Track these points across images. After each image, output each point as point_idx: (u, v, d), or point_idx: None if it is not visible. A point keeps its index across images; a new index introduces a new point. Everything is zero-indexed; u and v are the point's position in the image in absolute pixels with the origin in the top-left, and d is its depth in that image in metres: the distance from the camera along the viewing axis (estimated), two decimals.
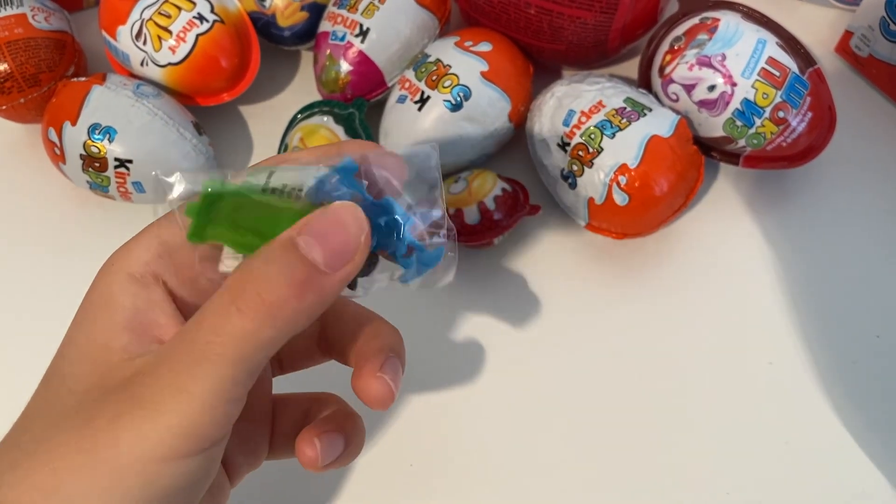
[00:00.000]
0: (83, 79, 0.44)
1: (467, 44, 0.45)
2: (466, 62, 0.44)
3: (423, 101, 0.44)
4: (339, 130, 0.45)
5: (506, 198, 0.43)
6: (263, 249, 0.22)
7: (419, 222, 0.24)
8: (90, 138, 0.42)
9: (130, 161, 0.43)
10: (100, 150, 0.42)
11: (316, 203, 0.23)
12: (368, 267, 0.24)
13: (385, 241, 0.24)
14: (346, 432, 0.29)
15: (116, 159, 0.43)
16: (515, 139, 0.47)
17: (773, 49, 0.42)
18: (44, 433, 0.23)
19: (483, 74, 0.44)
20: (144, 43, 0.45)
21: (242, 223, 0.23)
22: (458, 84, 0.43)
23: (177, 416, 0.22)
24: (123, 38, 0.45)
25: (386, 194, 0.24)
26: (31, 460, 0.22)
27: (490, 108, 0.44)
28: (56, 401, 0.23)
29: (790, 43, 0.44)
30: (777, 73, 0.42)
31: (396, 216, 0.23)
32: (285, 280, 0.22)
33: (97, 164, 0.43)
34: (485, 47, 0.45)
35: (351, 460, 0.29)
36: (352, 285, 0.24)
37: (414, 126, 0.44)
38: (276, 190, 0.23)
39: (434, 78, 0.44)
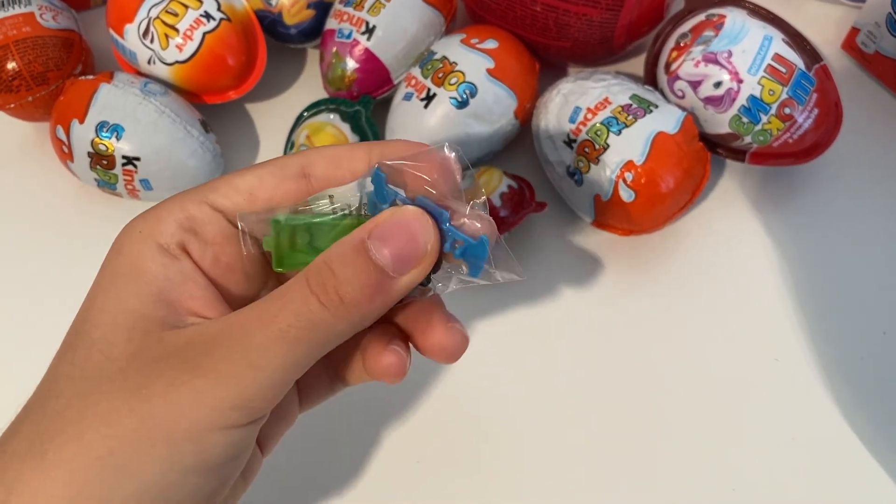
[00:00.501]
0: (91, 77, 0.45)
1: (473, 41, 0.45)
2: (472, 59, 0.44)
3: (429, 98, 0.44)
4: (346, 128, 0.45)
5: (512, 195, 0.43)
6: (339, 248, 0.23)
7: (459, 213, 0.24)
8: (98, 136, 0.43)
9: (138, 159, 0.43)
10: (107, 148, 0.43)
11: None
12: (433, 268, 0.24)
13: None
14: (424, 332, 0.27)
15: (124, 157, 0.43)
16: (521, 136, 0.47)
17: (780, 45, 0.42)
18: (84, 399, 0.23)
19: (489, 72, 0.44)
20: (151, 41, 0.45)
21: (321, 246, 0.25)
22: (465, 81, 0.43)
23: (238, 388, 0.22)
24: (131, 37, 0.46)
25: (419, 195, 0.24)
26: (77, 426, 0.22)
27: (496, 106, 0.44)
28: (89, 367, 0.23)
29: (796, 39, 0.44)
30: (783, 70, 0.42)
31: (432, 212, 0.24)
32: (359, 283, 0.23)
33: (105, 162, 0.43)
34: (491, 44, 0.45)
35: None
36: (424, 283, 0.25)
37: (420, 123, 0.44)
38: (344, 213, 0.25)
39: (440, 75, 0.44)
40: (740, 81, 0.41)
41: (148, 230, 0.25)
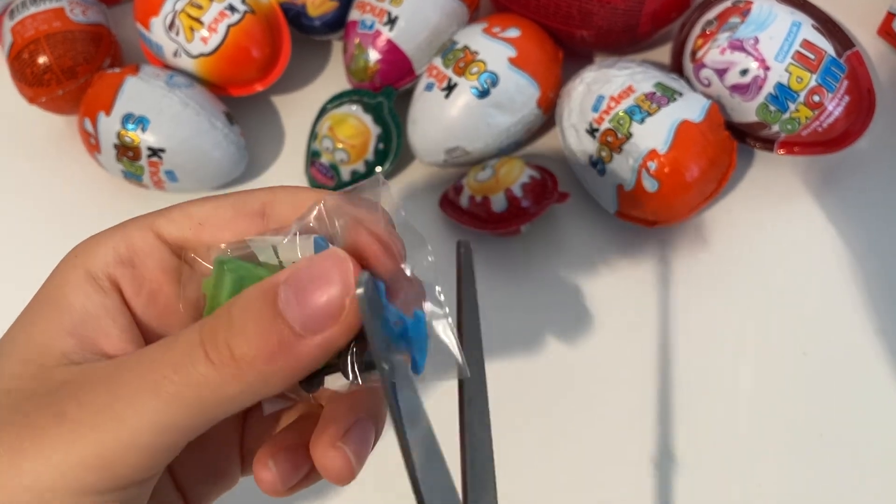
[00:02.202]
0: (117, 70, 0.45)
1: (495, 30, 0.45)
2: (494, 48, 0.44)
3: (450, 88, 0.44)
4: (368, 119, 0.45)
5: (533, 185, 0.42)
6: (245, 293, 0.20)
7: (402, 287, 0.21)
8: (124, 128, 0.43)
9: (163, 150, 0.43)
10: (133, 140, 0.43)
11: None
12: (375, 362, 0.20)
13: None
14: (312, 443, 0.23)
15: (149, 148, 0.43)
16: (545, 126, 0.47)
17: (809, 31, 0.41)
18: None
19: (511, 60, 0.43)
20: (177, 34, 0.46)
21: None
22: (486, 71, 0.43)
23: (95, 445, 0.19)
24: (157, 30, 0.46)
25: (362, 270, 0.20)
26: None
27: (518, 95, 0.44)
28: None
29: (827, 25, 0.43)
30: (812, 57, 0.41)
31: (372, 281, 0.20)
32: (257, 338, 0.19)
33: (131, 154, 0.44)
34: (513, 33, 0.44)
35: (319, 479, 0.24)
36: (347, 374, 0.20)
37: (441, 114, 0.44)
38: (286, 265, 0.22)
39: (461, 65, 0.44)
40: (767, 69, 0.41)
41: (84, 256, 0.23)
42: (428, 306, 0.20)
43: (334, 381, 0.21)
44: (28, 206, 0.48)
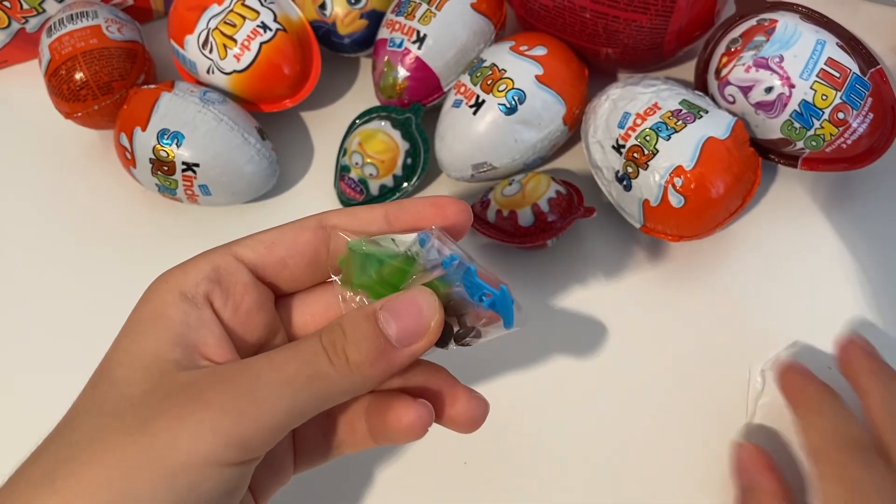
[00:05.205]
0: (153, 86, 0.46)
1: (522, 48, 0.45)
2: (521, 66, 0.45)
3: (478, 105, 0.44)
4: (396, 135, 0.46)
5: (560, 200, 0.43)
6: (353, 314, 0.26)
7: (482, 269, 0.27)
8: (159, 143, 0.44)
9: (197, 164, 0.44)
10: (168, 154, 0.44)
11: (427, 268, 0.27)
12: (445, 339, 0.27)
13: (469, 291, 0.27)
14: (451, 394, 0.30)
15: (184, 163, 0.44)
16: (571, 142, 0.48)
17: (833, 50, 0.42)
18: (97, 432, 0.24)
19: (538, 78, 0.44)
20: (210, 51, 0.47)
21: (383, 276, 0.27)
22: (513, 88, 0.44)
23: (239, 424, 0.24)
24: (191, 47, 0.47)
25: (452, 252, 0.27)
26: (85, 455, 0.24)
27: (545, 112, 0.44)
28: (106, 403, 0.25)
29: (851, 43, 0.43)
30: (837, 74, 0.41)
31: (463, 266, 0.27)
32: (365, 348, 0.25)
33: (165, 168, 0.45)
34: (540, 51, 0.45)
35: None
36: (442, 345, 0.28)
37: (469, 130, 0.45)
38: (401, 254, 0.28)
39: (489, 82, 0.44)
40: (792, 86, 0.41)
41: (174, 281, 0.27)
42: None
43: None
44: (64, 218, 0.49)
